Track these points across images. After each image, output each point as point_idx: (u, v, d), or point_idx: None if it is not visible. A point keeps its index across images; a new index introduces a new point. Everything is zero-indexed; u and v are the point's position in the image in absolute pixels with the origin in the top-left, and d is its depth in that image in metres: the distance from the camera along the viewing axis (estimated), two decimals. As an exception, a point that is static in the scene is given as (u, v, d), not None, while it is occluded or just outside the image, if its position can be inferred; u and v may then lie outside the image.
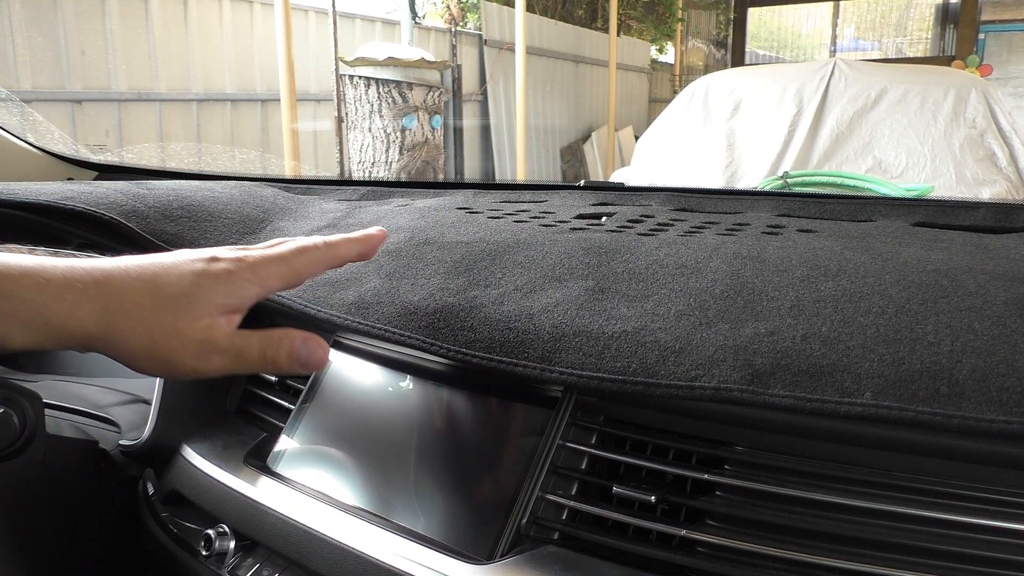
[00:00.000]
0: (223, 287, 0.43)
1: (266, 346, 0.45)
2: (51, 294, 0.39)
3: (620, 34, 8.81)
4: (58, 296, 0.39)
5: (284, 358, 0.45)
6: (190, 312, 0.42)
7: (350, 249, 0.50)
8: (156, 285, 0.42)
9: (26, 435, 0.62)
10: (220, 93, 4.87)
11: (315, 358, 0.46)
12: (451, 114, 6.02)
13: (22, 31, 3.88)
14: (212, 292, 0.43)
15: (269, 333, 0.45)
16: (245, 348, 0.44)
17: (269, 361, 0.45)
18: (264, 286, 0.45)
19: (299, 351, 0.45)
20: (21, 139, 1.07)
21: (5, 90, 2.22)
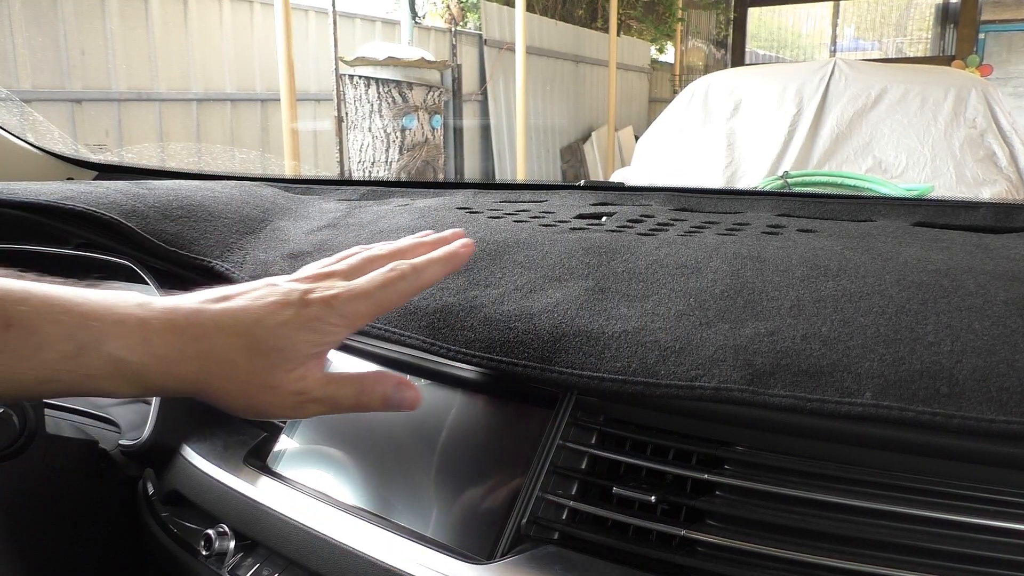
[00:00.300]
0: (314, 335, 0.44)
1: (359, 392, 0.45)
2: (153, 354, 0.40)
3: (620, 34, 8.81)
4: (159, 357, 0.40)
5: (378, 402, 0.46)
6: (283, 365, 0.42)
7: (436, 272, 0.50)
8: (250, 340, 0.42)
9: (26, 435, 0.62)
10: (220, 93, 4.87)
11: (407, 402, 0.46)
12: (451, 114, 6.02)
13: (22, 31, 3.88)
14: (304, 343, 0.43)
15: (362, 378, 0.46)
16: (339, 395, 0.45)
17: (363, 406, 0.46)
18: (351, 327, 0.46)
19: (391, 396, 0.46)
20: (21, 139, 1.07)
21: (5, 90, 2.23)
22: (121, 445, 0.72)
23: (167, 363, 0.41)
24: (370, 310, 0.46)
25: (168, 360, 0.41)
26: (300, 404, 0.44)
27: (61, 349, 0.38)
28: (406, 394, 0.46)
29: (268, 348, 0.42)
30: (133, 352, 0.40)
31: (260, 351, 0.42)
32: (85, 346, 0.39)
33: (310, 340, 0.43)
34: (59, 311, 0.39)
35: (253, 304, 0.43)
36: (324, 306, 0.44)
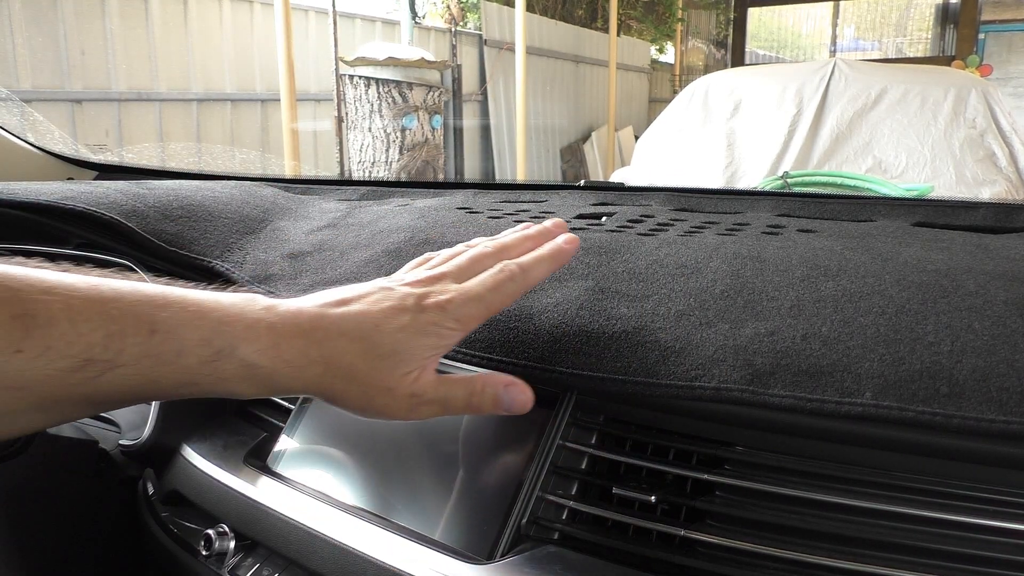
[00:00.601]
0: (430, 340, 0.45)
1: (471, 394, 0.46)
2: (282, 359, 0.42)
3: (620, 34, 8.81)
4: (288, 361, 0.42)
5: (488, 404, 0.46)
6: (400, 368, 0.44)
7: (543, 270, 0.50)
8: (370, 344, 0.43)
9: (26, 435, 0.62)
10: (220, 93, 4.87)
11: (518, 403, 0.46)
12: (451, 114, 6.02)
13: (22, 31, 3.88)
14: (420, 347, 0.44)
15: (472, 380, 0.46)
16: (451, 397, 0.45)
17: (474, 407, 0.46)
18: (465, 331, 0.47)
19: (503, 397, 0.46)
20: (21, 139, 1.07)
21: (5, 90, 2.23)
22: (121, 445, 0.72)
23: (294, 367, 0.42)
24: (482, 313, 0.47)
25: (295, 364, 0.42)
26: (414, 406, 0.44)
27: (200, 354, 0.39)
28: (517, 396, 0.46)
29: (386, 352, 0.43)
30: (264, 356, 0.41)
31: (379, 355, 0.43)
32: (221, 351, 0.40)
33: (426, 344, 0.45)
34: (196, 317, 0.40)
35: (371, 309, 0.45)
36: (439, 311, 0.45)
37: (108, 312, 0.37)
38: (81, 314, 0.36)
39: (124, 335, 0.37)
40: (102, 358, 0.36)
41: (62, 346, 0.35)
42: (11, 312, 0.34)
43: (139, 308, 0.38)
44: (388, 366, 0.43)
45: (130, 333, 0.37)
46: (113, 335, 0.37)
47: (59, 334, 0.35)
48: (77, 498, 0.69)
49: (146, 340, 0.38)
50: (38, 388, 0.35)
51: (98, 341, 0.36)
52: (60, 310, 0.35)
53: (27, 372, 0.35)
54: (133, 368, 0.38)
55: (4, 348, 0.34)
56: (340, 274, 0.65)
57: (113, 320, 0.37)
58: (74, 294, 0.36)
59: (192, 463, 0.65)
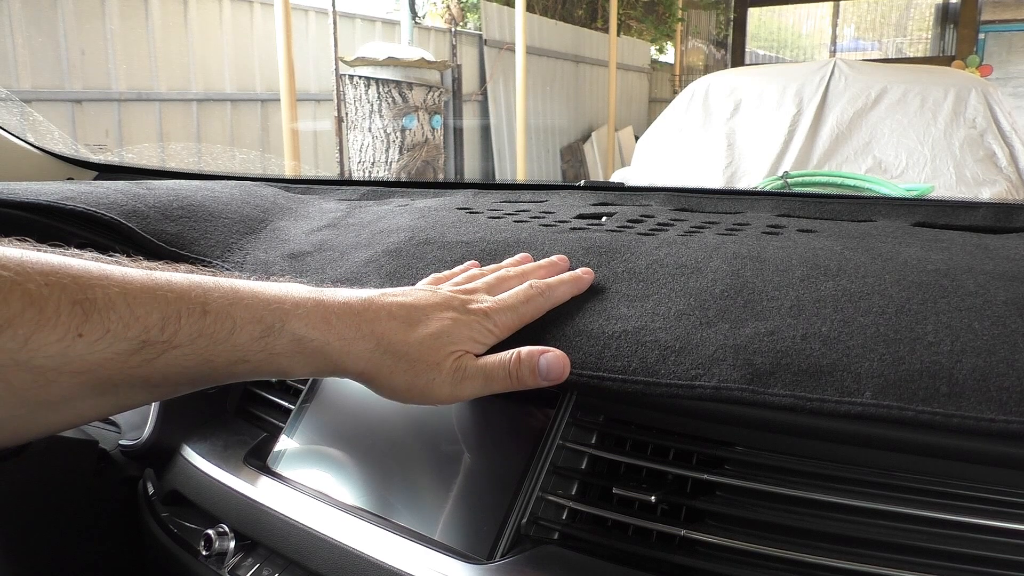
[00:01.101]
0: (471, 332, 0.48)
1: (511, 366, 0.48)
2: (335, 334, 0.44)
3: (620, 34, 8.81)
4: (339, 335, 0.44)
5: (528, 375, 0.47)
6: (446, 348, 0.46)
7: (565, 291, 0.54)
8: (420, 326, 0.46)
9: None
10: (220, 93, 4.86)
11: (556, 371, 0.48)
12: (451, 114, 6.02)
13: (22, 31, 3.88)
14: (462, 336, 0.48)
15: (511, 354, 0.48)
16: (492, 371, 0.47)
17: (515, 379, 0.48)
18: (500, 335, 0.50)
19: (541, 367, 0.48)
20: (21, 139, 1.07)
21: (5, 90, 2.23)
22: (121, 445, 0.72)
23: (345, 341, 0.44)
24: (515, 322, 0.51)
25: (346, 338, 0.44)
26: (458, 381, 0.46)
27: (251, 331, 0.41)
28: (555, 364, 0.48)
29: (435, 332, 0.47)
30: (315, 330, 0.43)
31: (428, 334, 0.46)
32: (271, 327, 0.42)
33: (467, 334, 0.48)
34: (246, 296, 0.42)
35: (419, 300, 0.48)
36: (483, 315, 0.50)
37: (164, 296, 0.39)
38: (137, 298, 0.38)
39: (179, 316, 0.39)
40: (159, 339, 0.38)
41: (120, 329, 0.37)
42: (72, 298, 0.36)
43: (192, 292, 0.40)
44: (436, 345, 0.46)
45: (184, 314, 0.39)
46: (169, 317, 0.38)
47: (117, 317, 0.37)
48: (77, 498, 0.69)
49: (199, 320, 0.39)
50: (98, 371, 0.37)
51: (155, 323, 0.38)
52: (118, 295, 0.37)
53: (88, 356, 0.36)
54: (188, 348, 0.39)
55: (65, 333, 0.35)
56: (340, 274, 0.65)
57: (168, 303, 0.39)
58: (130, 281, 0.38)
59: (192, 463, 0.65)
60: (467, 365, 0.47)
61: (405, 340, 0.45)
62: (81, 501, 0.70)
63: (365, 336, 0.45)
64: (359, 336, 0.44)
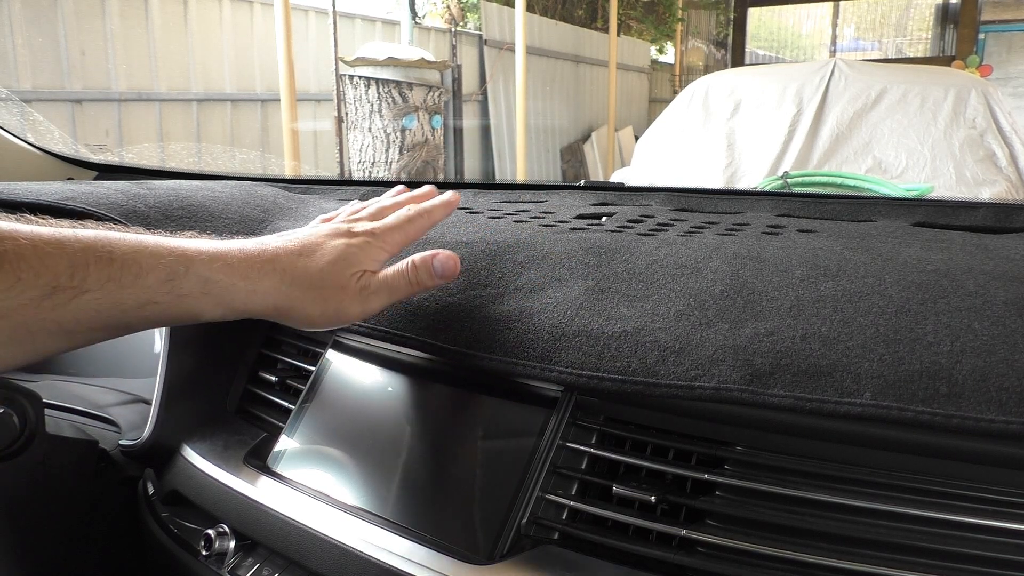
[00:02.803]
0: (363, 254, 0.52)
1: (409, 273, 0.52)
2: (238, 274, 0.47)
3: (620, 34, 8.81)
4: (243, 275, 0.47)
5: (426, 277, 0.52)
6: (348, 270, 0.50)
7: (439, 213, 0.59)
8: (318, 256, 0.50)
9: (26, 435, 0.62)
10: (220, 93, 4.86)
11: (450, 268, 0.53)
12: (451, 114, 6.02)
13: (22, 31, 3.88)
14: (357, 257, 0.51)
15: (407, 267, 0.53)
16: (394, 282, 0.52)
17: (415, 283, 0.52)
18: (391, 251, 0.54)
19: (436, 268, 0.53)
20: (21, 139, 1.07)
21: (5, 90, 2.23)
22: (121, 445, 0.72)
23: (250, 280, 0.47)
24: (402, 239, 0.55)
25: (251, 277, 0.47)
26: (365, 298, 0.51)
27: (157, 275, 0.44)
28: (447, 263, 0.53)
29: (333, 258, 0.50)
30: (219, 272, 0.46)
31: (327, 261, 0.50)
32: (176, 271, 0.45)
33: (364, 257, 0.52)
34: (151, 245, 0.45)
35: (311, 235, 0.52)
36: (369, 235, 0.53)
37: (71, 245, 0.41)
38: (46, 249, 0.41)
39: (87, 264, 0.42)
40: (68, 285, 0.41)
41: (31, 277, 0.40)
42: None
43: (99, 242, 0.43)
44: (337, 269, 0.50)
45: (92, 262, 0.42)
46: (77, 264, 0.41)
47: (27, 267, 0.40)
48: (77, 498, 0.69)
49: (107, 267, 0.42)
50: (12, 316, 0.40)
51: (63, 270, 0.41)
52: (27, 246, 0.40)
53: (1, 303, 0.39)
54: (98, 292, 0.42)
55: None
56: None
57: (76, 252, 0.41)
58: (38, 235, 0.41)
59: (192, 463, 0.65)
60: (369, 282, 0.51)
61: (307, 270, 0.49)
62: (81, 501, 0.70)
63: (268, 273, 0.47)
64: (263, 274, 0.47)
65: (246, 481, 0.60)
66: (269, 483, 0.59)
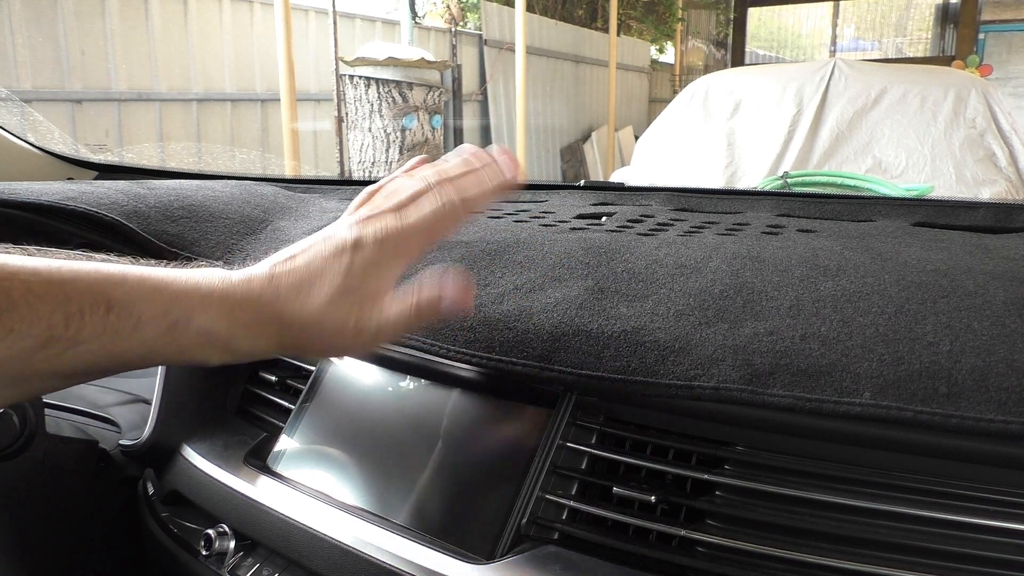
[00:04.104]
0: (371, 277, 0.47)
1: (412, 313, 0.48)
2: (239, 324, 0.45)
3: (620, 34, 8.81)
4: (244, 324, 0.45)
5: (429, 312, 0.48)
6: (344, 309, 0.46)
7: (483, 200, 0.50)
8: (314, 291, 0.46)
9: (26, 435, 0.62)
10: (220, 93, 4.86)
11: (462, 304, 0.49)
12: (451, 114, 6.02)
13: (22, 31, 3.88)
14: (359, 289, 0.46)
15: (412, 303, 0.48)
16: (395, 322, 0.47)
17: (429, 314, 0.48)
18: (409, 258, 0.48)
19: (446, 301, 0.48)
20: (21, 139, 1.07)
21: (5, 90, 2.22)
22: (121, 445, 0.72)
23: (250, 328, 0.45)
24: (423, 244, 0.49)
25: (250, 326, 0.45)
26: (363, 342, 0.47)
27: (156, 326, 0.42)
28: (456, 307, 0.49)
29: (331, 296, 0.46)
30: (219, 323, 0.44)
31: (326, 301, 0.46)
32: (177, 322, 0.42)
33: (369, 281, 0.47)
34: (151, 292, 0.42)
35: (315, 259, 0.47)
36: (377, 246, 0.47)
37: (66, 293, 0.39)
38: (40, 297, 0.38)
39: (82, 314, 0.39)
40: (63, 336, 0.39)
41: (24, 328, 0.38)
42: None
43: (96, 288, 0.40)
44: (335, 309, 0.46)
45: (88, 311, 0.39)
46: (72, 315, 0.39)
47: (20, 317, 0.38)
48: (77, 498, 0.69)
49: (103, 318, 0.40)
50: (5, 366, 0.38)
51: (58, 321, 0.39)
52: (20, 295, 0.38)
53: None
54: (95, 344, 0.40)
55: None
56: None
57: (71, 300, 0.39)
58: (34, 278, 0.39)
59: (192, 463, 0.65)
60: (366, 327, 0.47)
61: (303, 314, 0.46)
62: (81, 501, 0.70)
63: (268, 321, 0.45)
64: (263, 322, 0.45)
65: (246, 481, 0.60)
66: (269, 483, 0.59)
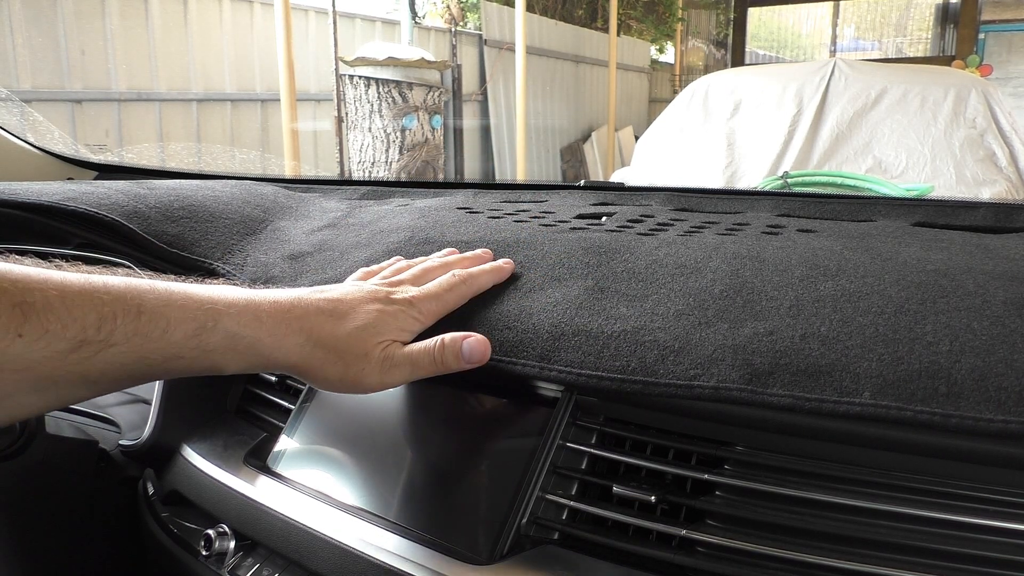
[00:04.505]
0: (397, 323, 0.51)
1: (436, 355, 0.50)
2: (265, 330, 0.46)
3: (620, 34, 8.81)
4: (270, 331, 0.46)
5: (452, 359, 0.50)
6: (373, 339, 0.49)
7: (487, 280, 0.57)
8: (347, 320, 0.49)
9: (26, 435, 0.62)
10: (220, 93, 4.86)
11: (478, 354, 0.50)
12: (451, 114, 6.02)
13: (22, 31, 3.88)
14: (388, 326, 0.50)
15: (435, 344, 0.50)
16: (418, 358, 0.50)
17: (440, 364, 0.50)
18: (425, 322, 0.53)
19: (464, 351, 0.50)
20: (21, 139, 1.07)
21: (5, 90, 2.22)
22: (121, 445, 0.72)
23: (276, 336, 0.46)
24: (440, 309, 0.54)
25: (277, 334, 0.46)
26: (387, 369, 0.49)
27: (185, 329, 0.43)
28: (477, 348, 0.50)
29: (362, 324, 0.49)
30: (246, 328, 0.45)
31: (356, 327, 0.49)
32: (204, 325, 0.44)
33: (394, 325, 0.51)
34: (180, 298, 0.44)
35: (347, 295, 0.51)
36: (407, 304, 0.52)
37: (100, 298, 0.41)
38: (75, 300, 0.40)
39: (115, 317, 0.41)
40: (96, 339, 0.40)
41: (59, 329, 0.39)
42: (12, 301, 0.38)
43: (128, 294, 0.42)
44: (363, 336, 0.49)
45: (120, 315, 0.41)
46: (105, 317, 0.41)
47: (56, 318, 0.39)
48: (77, 498, 0.69)
49: (135, 320, 0.42)
50: (37, 369, 0.39)
51: (91, 323, 0.40)
52: (56, 297, 0.39)
53: (27, 355, 0.38)
54: (125, 347, 0.42)
55: (5, 334, 0.37)
56: (340, 273, 0.65)
57: (104, 304, 0.41)
58: (68, 284, 0.40)
59: (192, 463, 0.65)
60: (394, 354, 0.49)
61: (333, 333, 0.48)
62: (81, 501, 0.70)
63: (295, 331, 0.47)
64: (289, 332, 0.47)
65: (246, 481, 0.60)
66: (269, 483, 0.59)
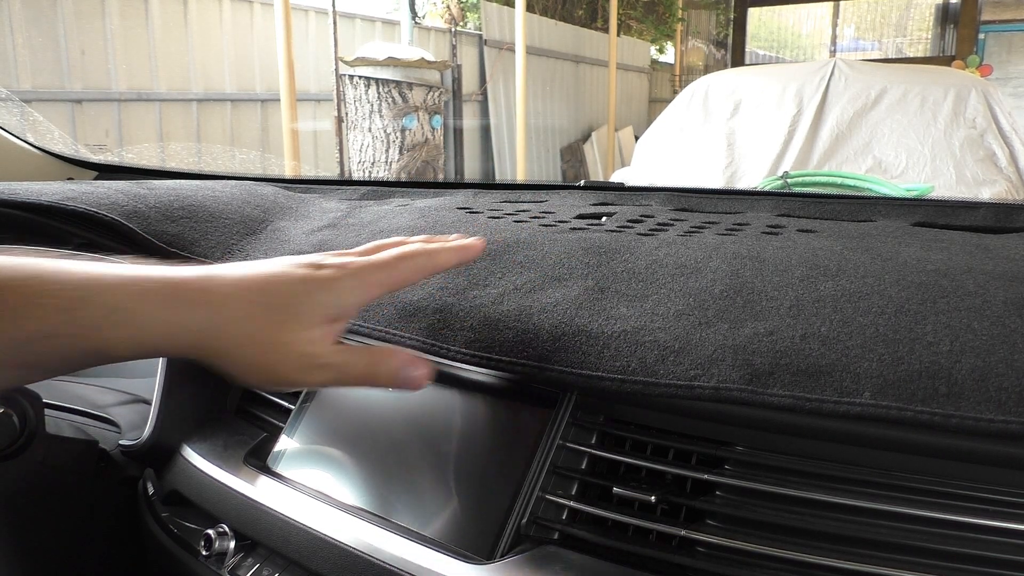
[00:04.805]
0: (327, 295, 0.42)
1: (370, 363, 0.44)
2: (155, 302, 0.38)
3: (620, 34, 8.81)
4: (163, 304, 0.38)
5: (386, 377, 0.44)
6: (295, 322, 0.41)
7: (450, 257, 0.50)
8: (261, 294, 0.41)
9: (26, 435, 0.62)
10: (220, 93, 4.86)
11: (415, 381, 0.45)
12: (451, 114, 6.02)
13: (22, 31, 3.88)
14: (316, 301, 0.42)
15: (373, 351, 0.44)
16: (349, 363, 0.43)
17: (372, 378, 0.44)
18: (367, 293, 0.45)
19: (400, 371, 0.44)
20: (21, 139, 1.07)
21: (5, 90, 2.22)
22: (121, 445, 0.72)
23: (170, 310, 0.38)
24: (385, 280, 0.45)
25: (171, 307, 0.39)
26: (308, 368, 0.42)
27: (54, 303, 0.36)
28: (414, 372, 0.45)
29: (280, 303, 0.41)
30: (131, 300, 0.38)
31: (271, 305, 0.41)
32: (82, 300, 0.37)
33: (324, 300, 0.42)
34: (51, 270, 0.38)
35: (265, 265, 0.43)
36: (338, 268, 0.44)
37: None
38: None
39: None
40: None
41: None
42: None
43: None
44: (281, 318, 0.41)
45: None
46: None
47: None
48: (77, 498, 0.69)
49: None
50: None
51: None
52: None
53: None
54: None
55: None
56: (340, 274, 0.65)
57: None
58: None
59: (192, 463, 0.65)
60: (320, 352, 0.42)
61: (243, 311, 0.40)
62: (81, 501, 0.70)
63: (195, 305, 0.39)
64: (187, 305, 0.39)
65: (246, 481, 0.60)
66: (269, 483, 0.59)
